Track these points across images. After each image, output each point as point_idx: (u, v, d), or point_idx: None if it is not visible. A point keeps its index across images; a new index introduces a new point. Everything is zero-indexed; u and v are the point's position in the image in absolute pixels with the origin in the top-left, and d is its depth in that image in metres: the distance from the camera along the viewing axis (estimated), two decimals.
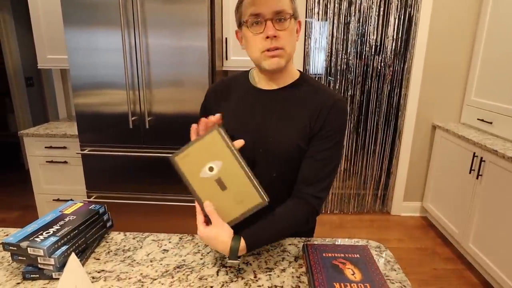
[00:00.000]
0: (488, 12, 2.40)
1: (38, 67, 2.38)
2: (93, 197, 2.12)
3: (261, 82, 0.95)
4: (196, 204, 0.81)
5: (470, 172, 2.19)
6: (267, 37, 0.83)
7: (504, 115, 2.17)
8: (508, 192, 1.86)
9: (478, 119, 2.45)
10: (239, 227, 0.81)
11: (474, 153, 2.16)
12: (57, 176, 2.32)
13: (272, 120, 0.83)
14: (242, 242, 0.78)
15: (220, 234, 0.78)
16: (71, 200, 2.33)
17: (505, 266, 1.86)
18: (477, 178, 2.12)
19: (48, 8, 2.25)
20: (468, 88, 2.62)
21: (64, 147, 2.26)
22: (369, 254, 0.84)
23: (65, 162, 2.29)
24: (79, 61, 1.94)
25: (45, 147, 2.27)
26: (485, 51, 2.44)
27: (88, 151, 2.05)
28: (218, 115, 0.83)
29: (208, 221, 0.80)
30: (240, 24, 0.89)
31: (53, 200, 2.35)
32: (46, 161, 2.29)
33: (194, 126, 0.83)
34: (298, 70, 0.98)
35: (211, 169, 0.78)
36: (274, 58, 0.85)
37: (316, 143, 0.90)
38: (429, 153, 2.83)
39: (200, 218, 0.80)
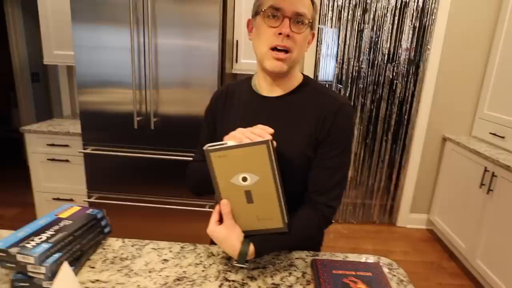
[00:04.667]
0: (505, 24, 2.35)
1: (44, 63, 2.35)
2: (94, 197, 2.07)
3: (264, 88, 0.92)
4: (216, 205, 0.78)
5: (480, 187, 2.13)
6: (280, 34, 0.80)
7: None
8: None
9: (490, 133, 2.39)
10: None
11: (486, 167, 2.09)
12: (58, 174, 2.28)
13: (277, 128, 0.78)
14: (251, 248, 0.76)
15: (230, 238, 0.76)
16: (71, 200, 2.30)
17: None
18: (487, 193, 2.06)
19: (57, 4, 2.23)
20: (481, 101, 2.56)
21: (67, 145, 2.22)
22: (381, 273, 0.80)
23: (67, 160, 2.24)
24: (85, 58, 1.90)
25: (47, 145, 2.23)
26: (500, 64, 2.38)
27: (91, 150, 2.01)
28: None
29: (221, 221, 0.78)
30: (256, 13, 0.86)
31: (53, 199, 2.31)
32: (48, 159, 2.25)
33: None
34: (302, 74, 0.95)
35: (244, 179, 0.74)
36: (278, 62, 0.82)
37: (323, 150, 0.87)
38: (438, 165, 2.76)
39: (215, 216, 0.79)
